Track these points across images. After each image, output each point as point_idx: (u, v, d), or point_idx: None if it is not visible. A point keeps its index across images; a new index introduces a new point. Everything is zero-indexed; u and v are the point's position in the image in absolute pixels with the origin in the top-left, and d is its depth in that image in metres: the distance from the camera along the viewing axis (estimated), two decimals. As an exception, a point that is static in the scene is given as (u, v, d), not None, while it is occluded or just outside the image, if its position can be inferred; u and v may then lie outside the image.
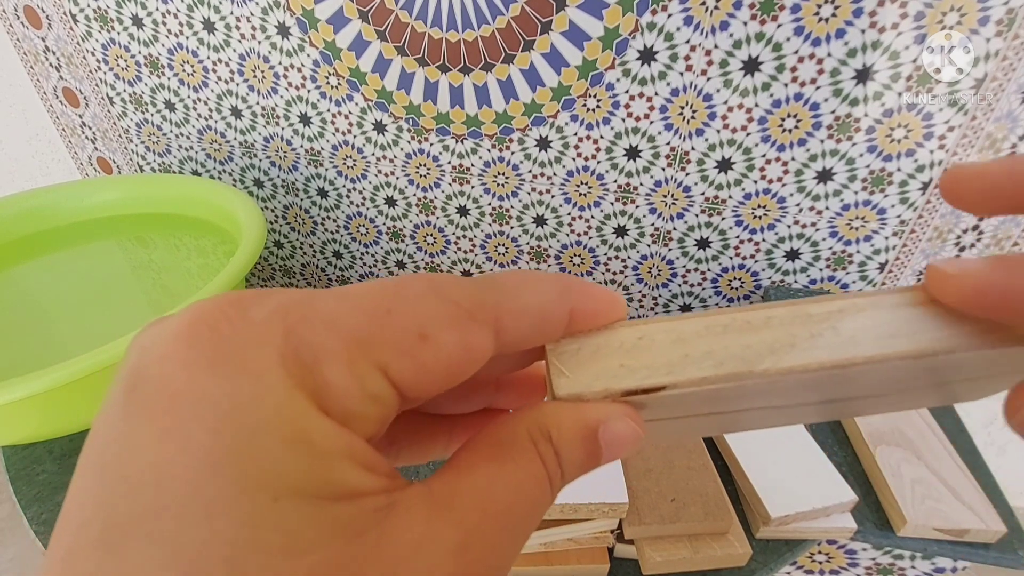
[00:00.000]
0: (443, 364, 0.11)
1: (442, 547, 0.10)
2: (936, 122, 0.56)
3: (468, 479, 0.11)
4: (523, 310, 0.12)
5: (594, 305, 0.13)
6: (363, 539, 0.10)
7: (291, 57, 0.69)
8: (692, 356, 0.13)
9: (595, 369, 0.13)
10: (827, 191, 0.62)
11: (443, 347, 0.11)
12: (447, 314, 0.11)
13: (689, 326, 0.13)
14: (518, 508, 0.11)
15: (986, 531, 0.45)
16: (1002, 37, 0.50)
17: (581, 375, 0.13)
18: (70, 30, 0.76)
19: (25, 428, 0.49)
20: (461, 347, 0.11)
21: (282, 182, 0.82)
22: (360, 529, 0.10)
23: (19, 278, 0.67)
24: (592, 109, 0.63)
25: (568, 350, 0.13)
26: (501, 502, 0.11)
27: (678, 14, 0.55)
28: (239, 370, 0.10)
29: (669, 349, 0.13)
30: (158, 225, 0.75)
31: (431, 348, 0.11)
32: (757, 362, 0.13)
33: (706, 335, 0.13)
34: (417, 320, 0.11)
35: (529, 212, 0.74)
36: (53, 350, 0.55)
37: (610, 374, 0.13)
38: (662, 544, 0.43)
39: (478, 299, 0.12)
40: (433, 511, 0.10)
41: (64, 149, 0.92)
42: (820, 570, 0.57)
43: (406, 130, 0.71)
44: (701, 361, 0.13)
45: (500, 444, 0.12)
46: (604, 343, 0.13)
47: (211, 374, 0.09)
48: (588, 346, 0.13)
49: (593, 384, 0.13)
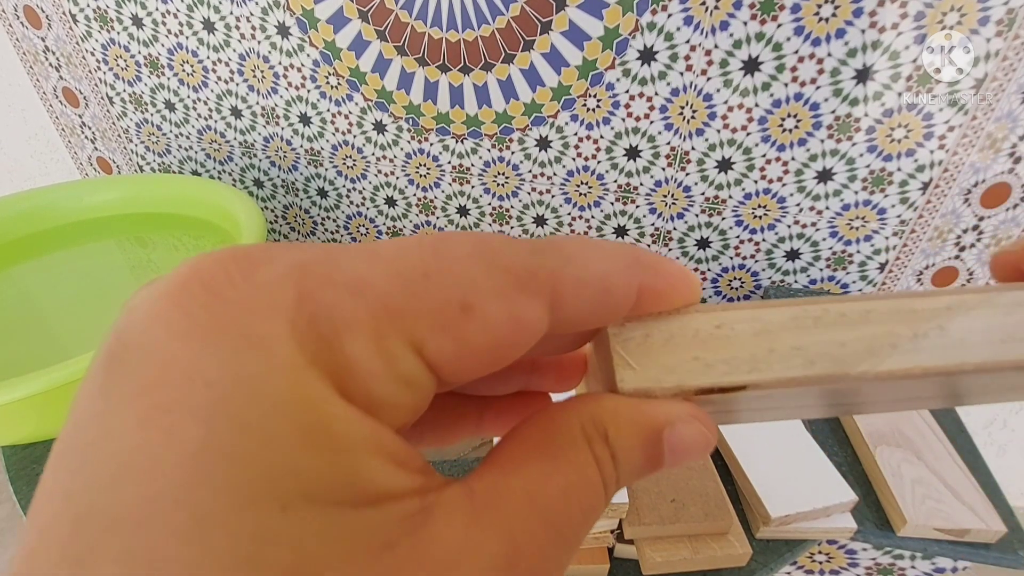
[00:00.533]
0: (489, 342, 0.09)
1: (487, 561, 0.09)
2: (936, 122, 0.56)
3: (515, 480, 0.10)
4: (585, 281, 0.10)
5: (667, 283, 0.11)
6: (393, 553, 0.08)
7: (291, 57, 0.69)
8: (779, 352, 0.11)
9: (666, 361, 0.11)
10: (827, 191, 0.62)
11: (490, 321, 0.09)
12: (496, 282, 0.09)
13: (775, 316, 0.11)
14: (571, 515, 0.10)
15: (986, 531, 0.45)
16: (1002, 37, 0.50)
17: (650, 367, 0.11)
18: (70, 30, 0.76)
19: (25, 428, 0.49)
20: (511, 322, 0.09)
21: (282, 182, 0.82)
22: (389, 541, 0.08)
23: (19, 278, 0.67)
24: (592, 109, 0.63)
25: (634, 336, 0.11)
26: (553, 509, 0.10)
27: (678, 14, 0.55)
28: (241, 342, 0.08)
29: (752, 342, 0.11)
30: (158, 225, 0.75)
31: (476, 322, 0.09)
32: (853, 364, 0.11)
33: (794, 328, 0.11)
34: (460, 288, 0.09)
35: (529, 212, 0.74)
36: (53, 350, 0.55)
37: (684, 368, 0.11)
38: (662, 544, 0.43)
39: (533, 265, 0.10)
40: (475, 518, 0.09)
41: (64, 149, 0.92)
42: (820, 570, 0.57)
43: (406, 130, 0.71)
44: (789, 359, 0.11)
45: (551, 441, 0.10)
46: (677, 330, 0.11)
47: (206, 345, 0.08)
48: (658, 333, 0.11)
49: (664, 379, 0.11)
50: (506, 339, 0.09)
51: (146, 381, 0.08)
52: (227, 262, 0.09)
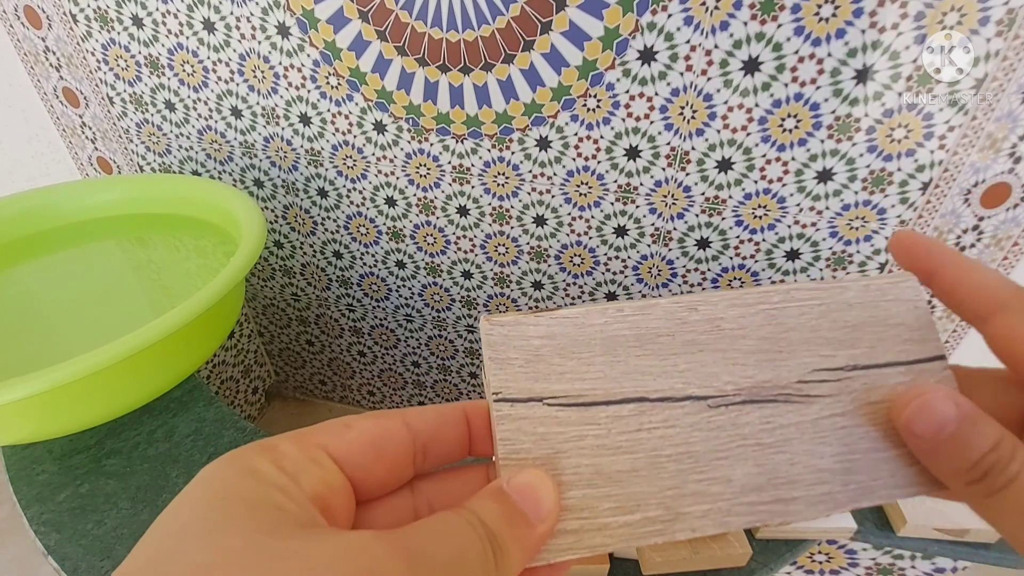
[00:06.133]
0: (365, 440, 0.16)
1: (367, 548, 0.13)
2: (936, 122, 0.56)
3: (412, 529, 0.14)
4: (425, 411, 0.17)
5: None
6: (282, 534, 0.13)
7: (291, 57, 0.69)
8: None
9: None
10: (827, 191, 0.62)
11: (362, 429, 0.16)
12: (365, 415, 0.17)
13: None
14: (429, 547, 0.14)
15: (986, 531, 0.45)
16: (1002, 37, 0.50)
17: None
18: (70, 30, 0.76)
19: (25, 428, 0.49)
20: (376, 428, 0.16)
21: (282, 182, 0.82)
22: (283, 532, 0.13)
23: (19, 278, 0.67)
24: (592, 109, 0.63)
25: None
26: (413, 541, 0.14)
27: (678, 14, 0.55)
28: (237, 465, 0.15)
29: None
30: (158, 225, 0.75)
31: (353, 430, 0.16)
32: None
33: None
34: (344, 419, 0.16)
35: (529, 212, 0.74)
36: (53, 350, 0.55)
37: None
38: (662, 544, 0.43)
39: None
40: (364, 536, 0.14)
41: (64, 149, 0.92)
42: (820, 570, 0.57)
43: (406, 130, 0.71)
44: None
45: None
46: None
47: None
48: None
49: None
50: (376, 438, 0.16)
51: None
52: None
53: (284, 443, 0.15)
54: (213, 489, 0.13)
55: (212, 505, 0.13)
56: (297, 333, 1.04)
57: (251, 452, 0.15)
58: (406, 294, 0.90)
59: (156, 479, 0.51)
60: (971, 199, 0.60)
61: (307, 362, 1.09)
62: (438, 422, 0.17)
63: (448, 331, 0.93)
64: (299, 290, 0.96)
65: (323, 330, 1.02)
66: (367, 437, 0.16)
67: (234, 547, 0.12)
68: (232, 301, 0.63)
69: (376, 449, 0.16)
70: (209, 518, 0.13)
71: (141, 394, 0.55)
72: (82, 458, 0.53)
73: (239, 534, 0.12)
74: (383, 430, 0.16)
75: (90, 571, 0.44)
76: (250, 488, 0.13)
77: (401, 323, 0.95)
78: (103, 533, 0.47)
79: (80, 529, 0.47)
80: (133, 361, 0.46)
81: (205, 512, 0.13)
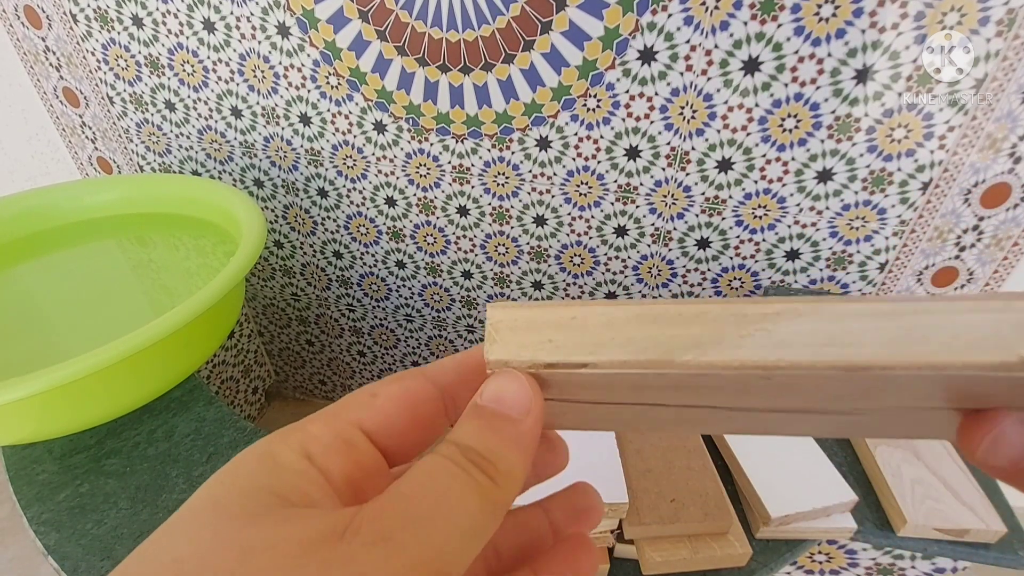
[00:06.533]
0: (394, 406, 0.15)
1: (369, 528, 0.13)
2: (936, 122, 0.56)
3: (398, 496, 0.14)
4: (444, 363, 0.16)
5: None
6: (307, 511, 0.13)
7: (291, 57, 0.69)
8: (618, 340, 0.13)
9: (525, 340, 0.14)
10: (827, 191, 0.62)
11: (390, 395, 0.15)
12: (387, 380, 0.16)
13: (622, 312, 0.14)
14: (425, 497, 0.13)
15: (986, 531, 0.45)
16: (1002, 37, 0.50)
17: (511, 344, 0.14)
18: (70, 30, 0.76)
19: (25, 428, 0.49)
20: (402, 391, 0.15)
21: (282, 182, 0.82)
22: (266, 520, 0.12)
23: (19, 278, 0.67)
24: (592, 109, 0.63)
25: (505, 319, 0.14)
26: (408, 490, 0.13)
27: (678, 14, 0.55)
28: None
29: (597, 332, 0.14)
30: (158, 225, 0.75)
31: (380, 398, 0.15)
32: (680, 353, 0.13)
33: (636, 323, 0.13)
34: (368, 388, 0.15)
35: (529, 212, 0.74)
36: (53, 350, 0.55)
37: (538, 347, 0.14)
38: (662, 544, 0.43)
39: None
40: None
41: (64, 149, 0.92)
42: (820, 570, 0.57)
43: (406, 130, 0.71)
44: (625, 346, 0.13)
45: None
46: (539, 318, 0.14)
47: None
48: (524, 319, 0.14)
49: (520, 354, 0.14)
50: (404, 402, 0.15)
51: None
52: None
53: (315, 425, 0.14)
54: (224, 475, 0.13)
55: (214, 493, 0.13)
56: (297, 333, 1.04)
57: (278, 436, 0.14)
58: (406, 294, 0.90)
59: (156, 479, 0.51)
60: (971, 199, 0.60)
61: (307, 362, 1.09)
62: (458, 371, 0.16)
63: (448, 331, 0.93)
64: (299, 290, 0.96)
65: (323, 330, 1.02)
66: (396, 404, 0.15)
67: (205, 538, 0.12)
68: (232, 301, 0.63)
69: (409, 412, 0.15)
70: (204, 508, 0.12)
71: (141, 394, 0.55)
72: (82, 458, 0.53)
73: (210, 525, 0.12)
74: (411, 392, 0.15)
75: (90, 571, 0.44)
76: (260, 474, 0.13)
77: (401, 323, 0.95)
78: (103, 533, 0.47)
79: (80, 529, 0.47)
80: (133, 361, 0.46)
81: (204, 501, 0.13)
